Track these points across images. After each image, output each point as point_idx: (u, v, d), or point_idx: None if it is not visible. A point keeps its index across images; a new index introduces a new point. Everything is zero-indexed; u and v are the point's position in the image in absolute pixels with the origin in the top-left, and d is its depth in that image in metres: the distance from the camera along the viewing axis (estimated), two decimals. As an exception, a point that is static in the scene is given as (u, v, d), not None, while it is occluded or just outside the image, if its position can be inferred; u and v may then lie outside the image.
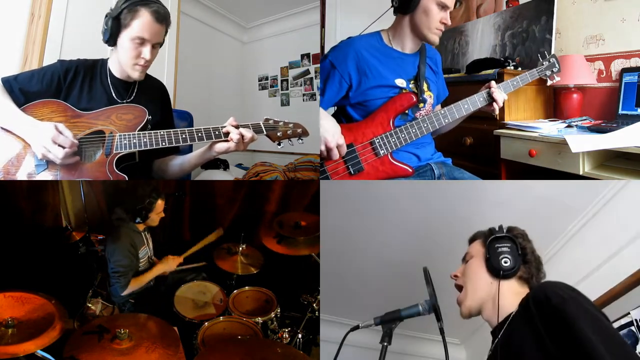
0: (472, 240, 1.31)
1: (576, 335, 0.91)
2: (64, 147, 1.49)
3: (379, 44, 1.74)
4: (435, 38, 1.69)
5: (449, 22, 1.66)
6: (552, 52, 2.37)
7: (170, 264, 2.15)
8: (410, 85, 1.72)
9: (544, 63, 1.90)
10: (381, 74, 1.69)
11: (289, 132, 1.58)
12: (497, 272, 1.18)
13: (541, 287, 1.06)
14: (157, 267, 2.15)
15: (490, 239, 1.21)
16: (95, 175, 1.54)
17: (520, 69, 2.47)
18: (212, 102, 4.38)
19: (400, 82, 1.71)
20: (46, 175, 1.52)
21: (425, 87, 1.75)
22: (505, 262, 1.17)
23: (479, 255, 1.24)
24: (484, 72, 2.46)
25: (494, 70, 2.39)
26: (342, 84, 1.69)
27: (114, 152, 1.55)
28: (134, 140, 1.55)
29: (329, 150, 1.55)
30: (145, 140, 1.55)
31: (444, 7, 1.63)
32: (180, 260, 2.17)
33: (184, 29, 3.27)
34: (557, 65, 1.89)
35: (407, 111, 1.71)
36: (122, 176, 1.54)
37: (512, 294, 1.16)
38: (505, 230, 1.24)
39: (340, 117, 1.78)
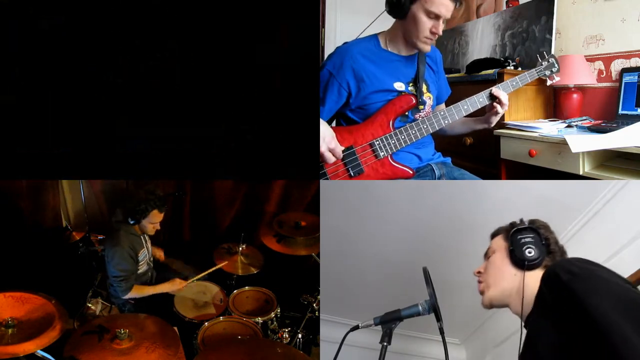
0: (493, 236, 1.29)
1: (589, 310, 0.81)
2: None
3: (375, 48, 1.72)
4: (425, 47, 1.65)
5: (440, 32, 1.60)
6: (552, 52, 2.37)
7: (177, 287, 2.13)
8: (410, 88, 1.71)
9: (543, 63, 1.88)
10: (379, 79, 1.67)
11: None
12: (521, 263, 1.14)
13: (552, 265, 1.02)
14: (163, 285, 2.12)
15: (513, 231, 1.19)
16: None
17: (520, 69, 2.47)
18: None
19: (399, 86, 1.70)
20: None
21: (424, 88, 1.74)
22: (530, 253, 1.14)
23: (502, 248, 1.21)
24: (484, 72, 2.46)
25: (494, 70, 2.39)
26: (342, 93, 1.67)
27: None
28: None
29: (320, 155, 1.54)
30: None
31: (435, 16, 1.57)
32: (185, 284, 2.16)
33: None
34: (556, 65, 1.88)
35: (406, 113, 1.70)
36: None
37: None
38: (527, 223, 1.22)
39: (340, 120, 1.78)
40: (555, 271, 0.92)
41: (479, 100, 1.71)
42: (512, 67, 2.43)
